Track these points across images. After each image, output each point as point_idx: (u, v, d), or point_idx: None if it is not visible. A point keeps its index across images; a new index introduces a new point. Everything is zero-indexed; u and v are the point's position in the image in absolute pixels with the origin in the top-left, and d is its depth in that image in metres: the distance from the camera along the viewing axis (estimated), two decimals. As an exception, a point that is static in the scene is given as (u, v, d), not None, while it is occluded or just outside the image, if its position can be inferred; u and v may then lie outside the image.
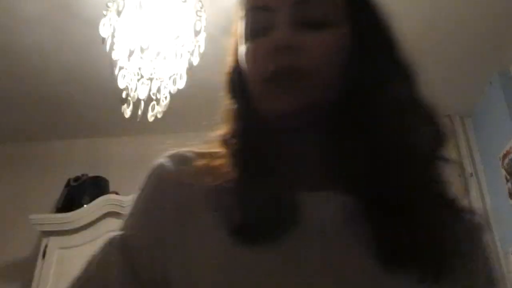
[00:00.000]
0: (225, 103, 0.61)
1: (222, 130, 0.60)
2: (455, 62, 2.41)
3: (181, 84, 1.80)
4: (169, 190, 0.56)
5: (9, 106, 2.79)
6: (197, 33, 1.78)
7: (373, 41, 0.56)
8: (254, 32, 0.56)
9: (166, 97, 1.81)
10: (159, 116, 1.85)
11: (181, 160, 0.58)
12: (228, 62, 0.62)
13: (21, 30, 2.23)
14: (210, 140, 0.60)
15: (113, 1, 1.69)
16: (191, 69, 1.81)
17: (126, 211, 0.59)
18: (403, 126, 0.53)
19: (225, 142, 0.58)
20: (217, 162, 0.56)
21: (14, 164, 3.04)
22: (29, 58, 2.41)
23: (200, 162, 0.57)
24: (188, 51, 1.78)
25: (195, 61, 1.79)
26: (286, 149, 0.56)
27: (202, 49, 1.79)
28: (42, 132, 3.04)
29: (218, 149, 0.58)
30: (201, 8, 1.80)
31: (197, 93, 2.11)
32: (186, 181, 0.55)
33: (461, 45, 2.30)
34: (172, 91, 1.81)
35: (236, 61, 0.60)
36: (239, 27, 0.59)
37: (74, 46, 2.32)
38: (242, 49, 0.58)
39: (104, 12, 1.70)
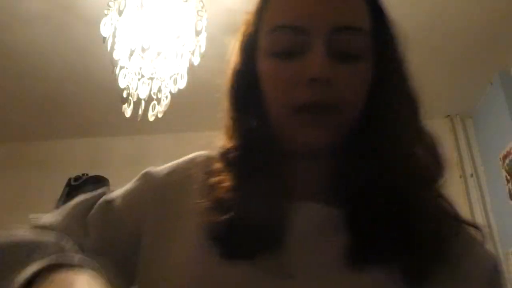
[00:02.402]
0: (228, 111, 0.60)
1: (225, 142, 0.60)
2: (455, 63, 2.41)
3: (181, 84, 1.80)
4: (158, 187, 0.59)
5: (9, 106, 2.79)
6: (198, 33, 1.78)
7: (393, 75, 0.57)
8: (283, 52, 0.54)
9: (166, 97, 1.81)
10: (159, 115, 1.85)
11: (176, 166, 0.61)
12: (232, 64, 0.60)
13: (22, 29, 2.22)
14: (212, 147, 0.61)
15: (115, 1, 1.69)
16: (191, 69, 1.82)
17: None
18: (408, 154, 0.54)
19: (225, 155, 0.58)
20: (215, 169, 0.57)
21: (14, 164, 3.04)
22: (29, 58, 2.41)
23: (199, 171, 0.58)
24: (189, 51, 1.78)
25: (196, 61, 1.79)
26: (292, 167, 0.56)
27: (203, 49, 1.79)
28: (42, 131, 3.04)
29: (218, 160, 0.59)
30: (202, 8, 1.80)
31: (198, 93, 2.11)
32: (178, 185, 0.58)
33: (462, 45, 2.30)
34: (172, 91, 1.81)
35: (243, 66, 0.59)
36: (264, 40, 0.56)
37: (74, 46, 2.32)
38: (266, 64, 0.56)
39: (106, 12, 1.70)
